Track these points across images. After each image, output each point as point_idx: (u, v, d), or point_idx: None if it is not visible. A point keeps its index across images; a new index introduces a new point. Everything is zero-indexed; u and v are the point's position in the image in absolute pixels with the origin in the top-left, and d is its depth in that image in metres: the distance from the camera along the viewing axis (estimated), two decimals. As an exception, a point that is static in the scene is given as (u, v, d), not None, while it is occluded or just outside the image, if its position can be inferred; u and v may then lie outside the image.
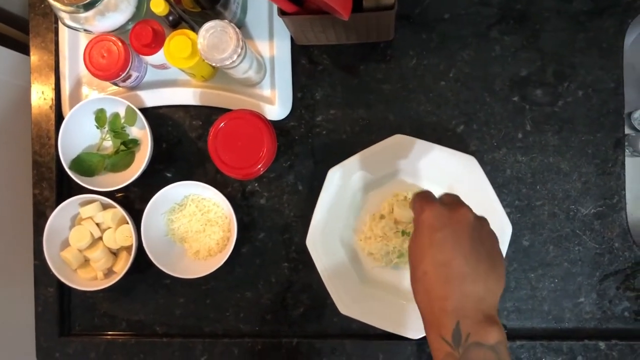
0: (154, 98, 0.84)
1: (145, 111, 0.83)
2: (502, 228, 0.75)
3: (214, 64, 0.69)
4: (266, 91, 0.82)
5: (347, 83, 0.83)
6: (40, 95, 0.86)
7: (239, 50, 0.68)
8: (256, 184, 0.84)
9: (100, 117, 0.83)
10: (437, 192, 0.77)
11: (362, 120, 0.83)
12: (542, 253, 0.80)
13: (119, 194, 0.85)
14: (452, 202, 0.55)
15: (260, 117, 0.74)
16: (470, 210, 0.53)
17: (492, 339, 0.45)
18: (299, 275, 0.83)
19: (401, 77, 0.82)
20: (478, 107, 0.81)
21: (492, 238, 0.53)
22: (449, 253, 0.49)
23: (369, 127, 0.82)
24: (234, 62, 0.69)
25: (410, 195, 0.79)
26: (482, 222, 0.53)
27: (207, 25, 0.68)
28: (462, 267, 0.48)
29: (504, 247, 0.75)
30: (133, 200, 0.85)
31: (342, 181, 0.78)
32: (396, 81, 0.82)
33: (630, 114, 0.90)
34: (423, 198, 0.55)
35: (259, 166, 0.74)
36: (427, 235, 0.51)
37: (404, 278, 0.80)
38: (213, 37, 0.68)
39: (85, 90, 0.85)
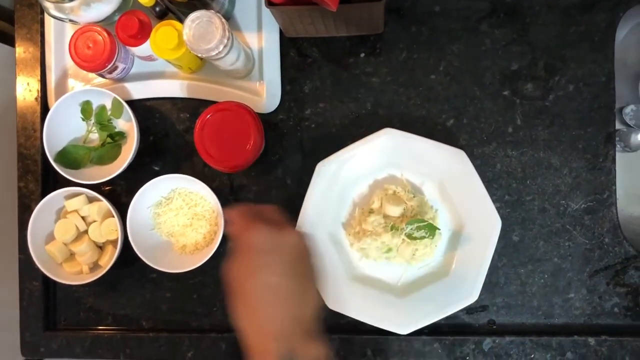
0: (141, 90, 0.83)
1: (132, 103, 0.82)
2: (492, 223, 0.74)
3: (200, 55, 0.68)
4: (254, 84, 0.81)
5: (336, 76, 0.82)
6: (26, 87, 0.85)
7: (225, 41, 0.68)
8: (244, 178, 0.83)
9: (86, 109, 0.82)
10: (428, 188, 0.77)
11: (351, 114, 0.82)
12: (532, 248, 0.79)
13: (105, 187, 0.84)
14: (278, 221, 0.55)
15: (247, 109, 0.73)
16: (294, 231, 0.53)
17: (318, 353, 0.49)
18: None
19: (391, 70, 0.81)
20: (468, 101, 0.80)
21: (310, 254, 0.54)
22: (276, 276, 0.49)
23: (358, 120, 0.82)
24: (220, 53, 0.68)
25: (399, 190, 0.78)
26: (304, 240, 0.54)
27: (193, 15, 0.67)
28: (288, 289, 0.49)
29: (493, 242, 0.74)
30: (119, 194, 0.84)
31: (330, 175, 0.77)
32: (386, 74, 0.81)
33: (621, 109, 0.90)
34: (246, 215, 0.54)
35: (246, 159, 0.73)
36: (253, 257, 0.50)
37: (393, 273, 0.79)
38: (199, 27, 0.67)
39: (71, 82, 0.84)
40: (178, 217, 0.81)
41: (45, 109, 0.84)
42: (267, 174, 0.83)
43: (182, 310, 0.83)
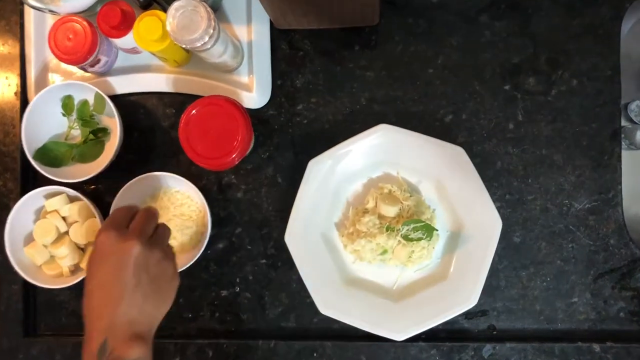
0: (125, 84, 0.79)
1: (116, 98, 0.78)
2: (492, 223, 0.71)
3: (184, 46, 0.65)
4: (244, 78, 0.78)
5: (329, 70, 0.78)
6: (5, 81, 0.81)
7: (211, 32, 0.64)
8: (233, 177, 0.80)
9: (67, 104, 0.78)
10: (425, 187, 0.74)
11: (344, 109, 0.78)
12: (534, 250, 0.76)
13: (87, 186, 0.80)
14: (134, 228, 0.58)
15: (234, 104, 0.69)
16: (140, 242, 0.56)
17: (134, 354, 0.52)
18: (278, 273, 0.78)
19: (386, 64, 0.78)
20: (467, 96, 0.77)
21: (160, 267, 0.58)
22: (111, 277, 0.55)
23: (352, 116, 0.78)
24: (205, 44, 0.65)
25: (395, 189, 0.75)
26: (151, 252, 0.57)
27: (177, 4, 0.64)
28: (119, 291, 0.54)
29: (493, 243, 0.71)
30: (102, 193, 0.80)
31: (323, 173, 0.74)
32: (381, 68, 0.78)
33: (626, 105, 0.86)
34: (110, 218, 0.60)
35: (233, 156, 0.69)
36: (98, 256, 0.57)
37: (388, 276, 0.76)
38: (183, 16, 0.64)
39: (52, 76, 0.81)
40: (163, 218, 0.77)
41: (24, 104, 0.80)
42: (257, 172, 0.79)
43: (167, 314, 0.79)
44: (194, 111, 0.69)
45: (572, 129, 0.76)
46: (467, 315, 0.75)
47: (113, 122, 0.78)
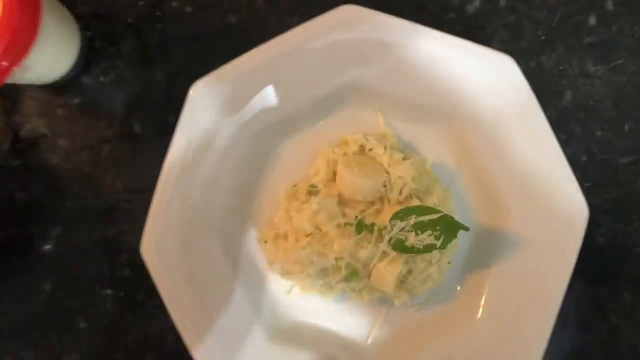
0: None
1: None
2: (569, 211, 0.34)
3: None
4: None
5: None
6: None
7: None
8: (42, 122, 0.39)
9: None
10: (433, 141, 0.36)
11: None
12: (635, 259, 0.39)
13: None
14: None
15: None
16: None
17: None
18: (136, 314, 0.39)
19: None
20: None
21: None
22: None
23: (284, -3, 0.39)
24: None
25: (374, 145, 0.36)
26: None
27: None
28: None
29: (571, 251, 0.34)
30: None
31: (222, 111, 0.34)
32: None
33: None
34: None
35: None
36: None
37: (359, 321, 0.38)
38: None
39: None
40: None
41: None
42: (88, 112, 0.39)
43: None
44: None
45: None
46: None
47: None
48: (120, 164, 0.39)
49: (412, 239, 0.34)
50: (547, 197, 0.35)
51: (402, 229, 0.34)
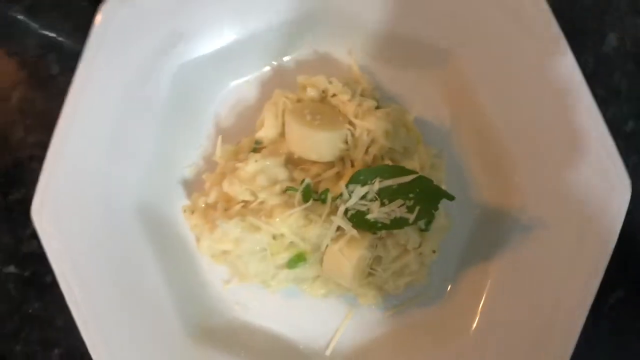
0: None
1: None
2: (608, 189, 0.24)
3: None
4: None
5: None
6: None
7: None
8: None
9: None
10: (422, 85, 0.27)
11: None
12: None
13: None
14: None
15: None
16: None
17: None
18: (45, 296, 0.31)
19: None
20: None
21: None
22: None
23: None
24: None
25: (339, 88, 0.28)
26: None
27: None
28: None
29: (611, 240, 0.24)
30: None
31: (144, 43, 0.26)
32: None
33: None
34: None
35: None
36: None
37: (314, 324, 0.29)
38: None
39: None
40: None
41: None
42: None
43: None
44: None
45: None
46: None
47: None
48: (28, 109, 0.31)
49: (375, 211, 0.24)
50: (575, 170, 0.25)
51: (362, 197, 0.24)
